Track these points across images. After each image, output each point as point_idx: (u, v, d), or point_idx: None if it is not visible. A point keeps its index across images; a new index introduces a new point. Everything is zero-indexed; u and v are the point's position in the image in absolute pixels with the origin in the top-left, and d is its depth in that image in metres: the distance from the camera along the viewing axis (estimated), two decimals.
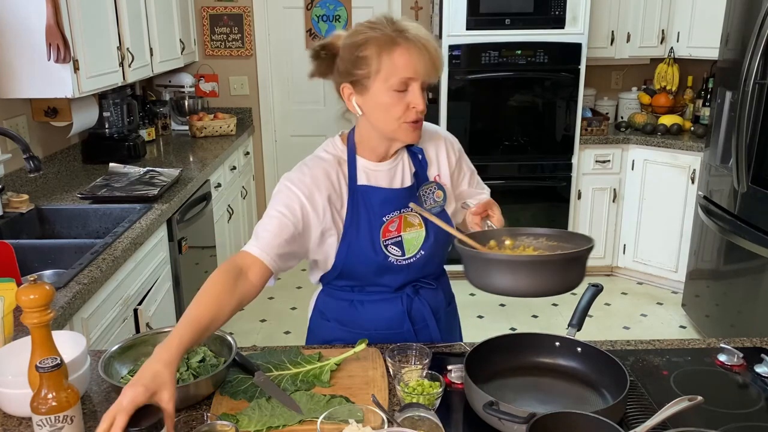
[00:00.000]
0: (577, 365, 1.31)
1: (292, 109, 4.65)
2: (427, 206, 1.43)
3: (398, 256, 1.43)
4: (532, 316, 3.80)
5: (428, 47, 1.28)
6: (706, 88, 4.21)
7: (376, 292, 1.47)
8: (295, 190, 1.36)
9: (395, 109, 1.31)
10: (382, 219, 1.41)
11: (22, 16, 2.41)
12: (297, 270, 5.05)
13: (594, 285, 1.43)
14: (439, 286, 1.55)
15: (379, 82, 1.30)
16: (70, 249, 2.13)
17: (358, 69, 1.31)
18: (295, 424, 1.15)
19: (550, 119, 3.97)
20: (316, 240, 1.39)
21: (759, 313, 2.97)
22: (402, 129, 1.34)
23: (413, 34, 1.28)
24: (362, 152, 1.43)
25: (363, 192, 1.40)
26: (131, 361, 1.30)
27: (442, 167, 1.49)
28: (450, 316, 1.59)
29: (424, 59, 1.28)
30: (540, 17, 3.78)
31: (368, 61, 1.29)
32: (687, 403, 1.07)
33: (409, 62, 1.27)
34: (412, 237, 1.43)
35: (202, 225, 3.16)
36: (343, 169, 1.41)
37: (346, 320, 1.51)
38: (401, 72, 1.28)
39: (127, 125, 3.47)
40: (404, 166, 1.45)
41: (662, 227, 4.01)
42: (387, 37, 1.28)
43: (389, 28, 1.29)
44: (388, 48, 1.28)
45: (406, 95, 1.30)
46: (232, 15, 4.42)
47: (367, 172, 1.42)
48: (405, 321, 1.48)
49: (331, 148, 1.44)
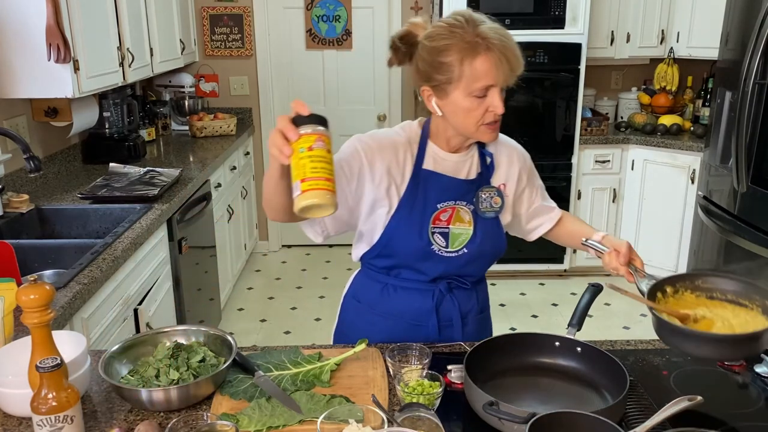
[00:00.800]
0: (577, 365, 1.31)
1: None
2: (482, 208, 1.46)
3: (441, 246, 1.44)
4: (532, 316, 3.80)
5: (508, 54, 1.29)
6: (705, 88, 4.21)
7: (410, 280, 1.48)
8: (360, 150, 1.40)
9: (475, 113, 1.33)
10: (436, 206, 1.43)
11: (22, 16, 2.41)
12: (297, 269, 5.05)
13: (594, 285, 1.43)
14: (474, 291, 1.55)
15: (460, 89, 1.31)
16: (70, 249, 2.13)
17: (439, 74, 1.32)
18: (295, 424, 1.15)
19: (550, 119, 3.97)
20: (367, 207, 1.42)
21: None
22: (481, 131, 1.36)
23: (495, 41, 1.28)
24: (435, 140, 1.45)
25: (426, 176, 1.43)
26: (131, 361, 1.30)
27: (510, 180, 1.51)
28: (479, 324, 1.58)
29: (504, 67, 1.29)
30: (540, 17, 3.79)
31: (450, 67, 1.30)
32: (687, 403, 1.07)
33: (490, 70, 1.28)
34: (459, 232, 1.45)
35: (202, 225, 3.16)
36: (413, 150, 1.44)
37: (376, 303, 1.53)
38: (482, 80, 1.29)
39: (127, 125, 3.47)
40: (472, 163, 1.47)
41: (662, 227, 4.01)
42: (468, 44, 1.28)
43: (470, 32, 1.29)
44: (470, 56, 1.28)
45: (486, 99, 1.32)
46: (232, 15, 4.43)
47: (435, 159, 1.44)
48: (432, 316, 1.49)
49: (407, 129, 1.47)
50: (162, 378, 1.23)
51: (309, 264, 4.60)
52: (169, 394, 1.17)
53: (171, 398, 1.17)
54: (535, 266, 4.22)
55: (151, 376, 1.24)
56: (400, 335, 1.49)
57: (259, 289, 4.20)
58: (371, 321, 1.54)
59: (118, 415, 1.19)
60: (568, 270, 4.26)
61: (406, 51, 1.39)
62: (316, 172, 1.06)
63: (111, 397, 1.25)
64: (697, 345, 1.17)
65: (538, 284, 4.23)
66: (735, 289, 1.30)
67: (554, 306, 3.93)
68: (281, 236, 4.87)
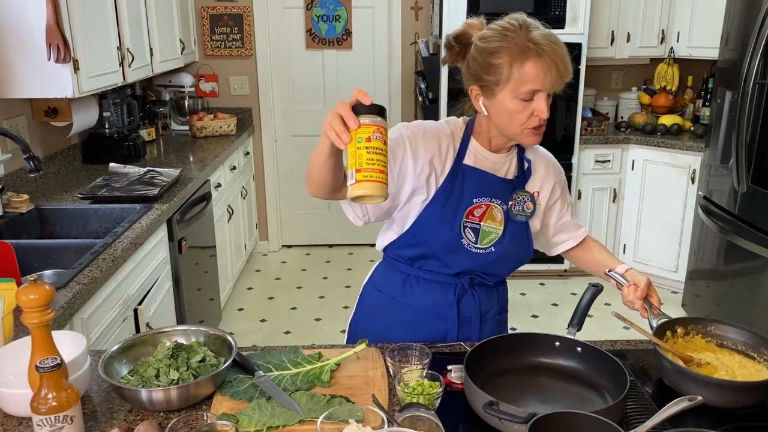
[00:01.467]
0: (577, 365, 1.31)
1: (292, 109, 4.65)
2: (514, 211, 1.47)
3: (471, 241, 1.45)
4: (532, 316, 3.80)
5: (557, 62, 1.31)
6: (706, 88, 4.21)
7: (434, 272, 1.50)
8: (405, 138, 1.42)
9: (520, 116, 1.35)
10: (472, 200, 1.44)
11: (22, 16, 2.41)
12: (297, 269, 5.04)
13: (594, 285, 1.43)
14: (496, 291, 1.56)
15: (507, 91, 1.33)
16: (70, 249, 2.13)
17: (488, 75, 1.35)
18: (295, 424, 1.15)
19: (550, 119, 3.92)
20: (406, 195, 1.44)
21: (759, 314, 2.97)
22: (524, 134, 1.38)
23: (546, 48, 1.31)
24: (478, 138, 1.47)
25: (465, 171, 1.45)
26: (131, 361, 1.30)
27: (544, 189, 1.54)
28: (497, 326, 1.59)
29: (553, 73, 1.31)
30: (540, 17, 3.71)
31: (500, 69, 1.33)
32: (687, 403, 1.07)
33: (538, 75, 1.31)
34: (489, 230, 1.46)
35: (202, 225, 3.16)
36: (455, 144, 1.46)
37: (397, 294, 1.54)
38: (530, 84, 1.31)
39: (127, 125, 3.47)
40: (510, 165, 1.50)
41: (662, 227, 4.01)
42: (520, 48, 1.31)
43: (523, 37, 1.32)
44: (520, 59, 1.31)
45: (532, 103, 1.34)
46: (232, 15, 4.43)
47: (476, 155, 1.46)
48: (453, 310, 1.50)
49: (452, 123, 1.50)
50: (162, 378, 1.23)
51: (309, 264, 4.60)
52: (169, 394, 1.17)
53: (171, 398, 1.17)
54: (535, 266, 4.22)
55: (151, 376, 1.24)
56: (419, 327, 1.51)
57: (259, 289, 4.20)
58: (391, 311, 1.55)
59: (118, 415, 1.19)
60: (568, 270, 4.26)
61: (459, 50, 1.44)
62: (372, 164, 1.09)
63: (111, 397, 1.25)
64: (694, 387, 1.19)
65: (538, 284, 4.23)
66: (746, 341, 1.33)
67: (554, 306, 3.93)
68: (281, 236, 4.87)
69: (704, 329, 1.37)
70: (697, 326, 1.38)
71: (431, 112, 4.03)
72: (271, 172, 4.71)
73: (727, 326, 1.36)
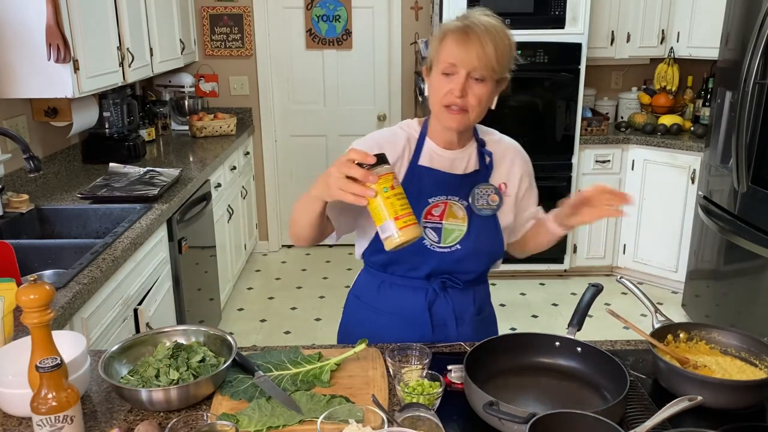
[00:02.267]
0: (577, 365, 1.31)
1: (292, 109, 4.65)
2: (478, 206, 1.46)
3: (434, 241, 1.44)
4: (532, 316, 3.80)
5: (480, 39, 1.31)
6: (706, 88, 4.21)
7: (405, 277, 1.49)
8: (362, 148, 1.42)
9: (439, 92, 1.36)
10: (427, 200, 1.44)
11: (22, 16, 2.41)
12: (297, 269, 5.04)
13: (594, 285, 1.43)
14: (471, 292, 1.54)
15: (435, 66, 1.38)
16: (70, 249, 2.13)
17: (429, 55, 1.41)
18: (295, 424, 1.14)
19: (550, 119, 3.97)
20: None
21: (759, 313, 2.97)
22: (442, 113, 1.38)
23: (475, 28, 1.32)
24: (432, 136, 1.47)
25: (420, 171, 1.45)
26: (131, 361, 1.30)
27: (512, 181, 1.52)
28: (478, 325, 1.56)
29: (467, 49, 1.31)
30: (540, 17, 3.78)
31: (432, 47, 1.39)
32: (687, 403, 1.07)
33: (455, 49, 1.32)
34: (452, 228, 1.45)
35: (202, 225, 3.16)
36: (411, 146, 1.47)
37: (374, 301, 1.55)
38: (448, 57, 1.33)
39: (127, 125, 3.47)
40: (469, 160, 1.48)
41: (662, 227, 4.01)
42: (449, 26, 1.36)
43: (459, 19, 1.36)
44: (446, 36, 1.35)
45: (451, 80, 1.34)
46: (232, 15, 4.43)
47: (431, 155, 1.46)
48: (424, 314, 1.49)
49: (406, 127, 1.51)
50: (162, 378, 1.23)
51: (309, 264, 4.60)
52: (169, 394, 1.17)
53: (171, 398, 1.17)
54: (535, 266, 4.22)
55: (151, 376, 1.24)
56: (395, 332, 1.50)
57: (259, 289, 4.20)
58: (369, 318, 1.56)
59: (118, 415, 1.19)
60: (568, 270, 4.26)
61: None
62: (405, 209, 1.14)
63: (111, 397, 1.25)
64: (688, 387, 1.19)
65: (538, 284, 4.23)
66: (749, 348, 1.33)
67: (554, 306, 3.93)
68: (281, 236, 4.87)
69: (708, 335, 1.37)
70: (701, 332, 1.38)
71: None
72: (271, 172, 4.71)
73: (729, 332, 1.36)
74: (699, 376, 1.22)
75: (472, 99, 1.34)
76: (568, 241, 4.17)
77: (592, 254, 4.26)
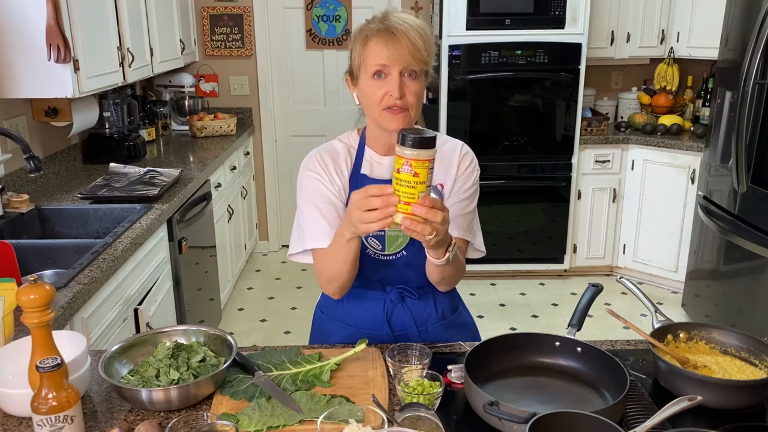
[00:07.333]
0: (577, 365, 1.31)
1: (292, 109, 4.65)
2: None
3: (377, 249, 1.44)
4: (532, 316, 3.80)
5: (407, 35, 1.32)
6: (706, 88, 4.21)
7: (361, 288, 1.49)
8: (316, 176, 1.43)
9: (375, 96, 1.36)
10: None
11: (22, 16, 2.41)
12: (297, 270, 5.04)
13: (594, 285, 1.43)
14: (432, 298, 1.53)
15: (363, 72, 1.37)
16: (70, 249, 2.13)
17: (351, 61, 1.41)
18: (295, 424, 1.15)
19: (550, 119, 3.97)
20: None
21: (759, 313, 2.97)
22: (383, 116, 1.37)
23: (393, 25, 1.32)
24: (371, 144, 1.47)
25: (360, 181, 1.44)
26: (131, 361, 1.30)
27: (448, 179, 1.47)
28: (444, 329, 1.55)
29: (397, 47, 1.31)
30: (540, 17, 3.78)
31: (355, 53, 1.39)
32: (687, 403, 1.07)
33: (382, 50, 1.32)
34: (396, 234, 1.44)
35: (202, 225, 3.16)
36: (352, 157, 1.47)
37: (334, 313, 1.57)
38: (376, 59, 1.33)
39: (127, 125, 3.47)
40: None
41: (662, 227, 4.01)
42: (370, 29, 1.35)
43: (377, 21, 1.35)
44: (369, 39, 1.34)
45: (385, 83, 1.34)
46: (232, 15, 4.43)
47: (371, 164, 1.46)
48: (384, 325, 1.50)
49: (345, 138, 1.51)
50: (162, 378, 1.23)
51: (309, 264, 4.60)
52: (169, 394, 1.17)
53: (171, 398, 1.17)
54: (535, 266, 4.22)
55: (151, 376, 1.24)
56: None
57: (259, 289, 4.20)
58: (333, 331, 1.56)
59: (118, 415, 1.19)
60: (568, 270, 4.26)
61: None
62: (407, 196, 1.14)
63: (111, 397, 1.25)
64: (688, 387, 1.20)
65: (538, 284, 4.23)
66: (749, 347, 1.33)
67: (554, 306, 3.93)
68: (281, 236, 4.87)
69: (708, 335, 1.37)
70: (701, 332, 1.38)
71: (431, 112, 4.03)
72: (271, 172, 4.71)
73: (729, 332, 1.36)
74: (699, 376, 1.22)
75: (410, 97, 1.34)
76: (568, 241, 4.17)
77: (592, 254, 4.26)
